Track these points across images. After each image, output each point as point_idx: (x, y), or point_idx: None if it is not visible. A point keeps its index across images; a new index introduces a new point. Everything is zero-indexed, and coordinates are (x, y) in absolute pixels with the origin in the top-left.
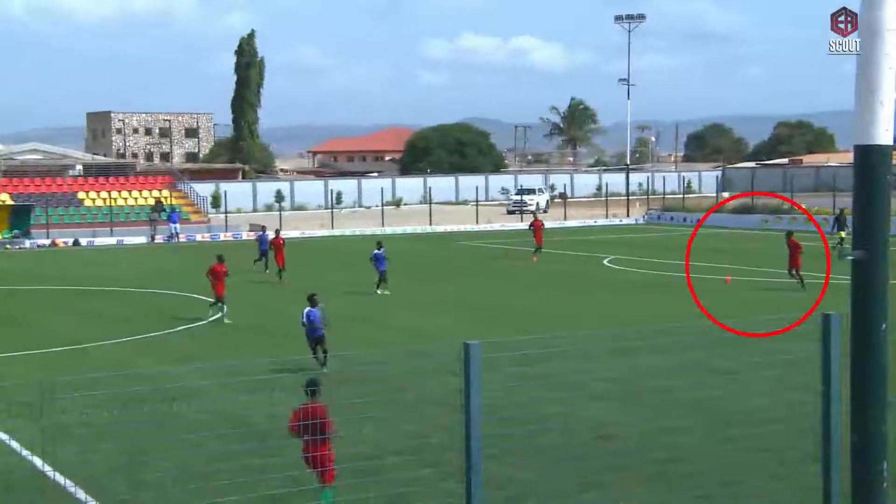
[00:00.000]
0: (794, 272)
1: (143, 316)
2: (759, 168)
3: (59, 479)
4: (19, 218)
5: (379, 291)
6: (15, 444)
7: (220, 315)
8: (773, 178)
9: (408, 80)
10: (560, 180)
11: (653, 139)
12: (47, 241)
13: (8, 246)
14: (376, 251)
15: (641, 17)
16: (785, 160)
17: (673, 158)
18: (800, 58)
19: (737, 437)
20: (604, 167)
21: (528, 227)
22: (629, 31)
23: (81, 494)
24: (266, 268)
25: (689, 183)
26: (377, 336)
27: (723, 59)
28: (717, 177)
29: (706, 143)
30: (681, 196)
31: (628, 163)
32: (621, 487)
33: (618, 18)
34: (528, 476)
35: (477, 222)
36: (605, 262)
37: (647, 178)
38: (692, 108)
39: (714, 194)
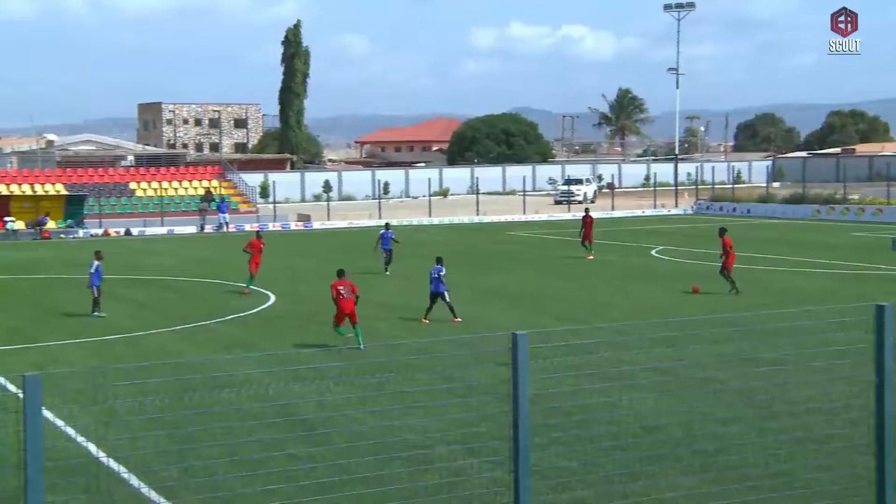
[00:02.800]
0: (725, 273)
1: (192, 305)
2: (810, 158)
3: (113, 465)
4: (73, 208)
5: (456, 320)
6: (70, 431)
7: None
8: (825, 168)
9: (454, 69)
10: (608, 170)
11: (702, 129)
12: (100, 231)
13: (62, 235)
14: (434, 269)
15: (691, 5)
16: (838, 150)
17: (722, 148)
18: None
19: (785, 427)
20: (652, 157)
21: (581, 222)
22: (678, 20)
23: (134, 480)
24: (386, 270)
25: (738, 173)
26: (415, 323)
27: (774, 47)
28: (767, 167)
29: (757, 133)
30: (730, 186)
31: (677, 153)
32: (667, 478)
33: (667, 7)
34: (573, 465)
35: (524, 212)
36: (653, 252)
37: (696, 168)
38: (743, 97)
39: (764, 184)
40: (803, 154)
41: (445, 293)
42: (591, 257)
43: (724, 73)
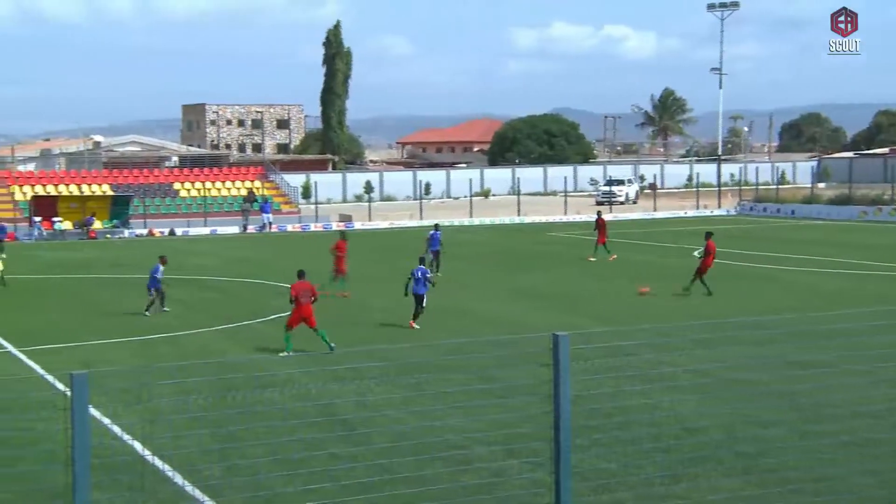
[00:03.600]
0: (699, 277)
1: (235, 305)
2: (857, 158)
3: (158, 463)
4: (119, 208)
5: None
6: (116, 429)
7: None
8: (872, 168)
9: (496, 70)
10: (650, 171)
11: (746, 129)
12: (144, 231)
13: (108, 235)
14: (418, 269)
15: (735, 4)
16: (886, 150)
17: (766, 148)
18: None
19: (828, 431)
20: (695, 157)
21: (594, 224)
22: (722, 20)
23: (178, 479)
24: (436, 270)
25: (783, 173)
26: (457, 324)
27: (817, 45)
28: (812, 167)
29: (801, 133)
30: (774, 187)
31: (720, 153)
32: (709, 480)
33: (710, 7)
34: (614, 467)
35: (565, 213)
36: (695, 253)
37: (740, 168)
38: (787, 97)
39: (809, 185)
40: (850, 154)
41: (424, 297)
42: (593, 259)
43: (767, 72)
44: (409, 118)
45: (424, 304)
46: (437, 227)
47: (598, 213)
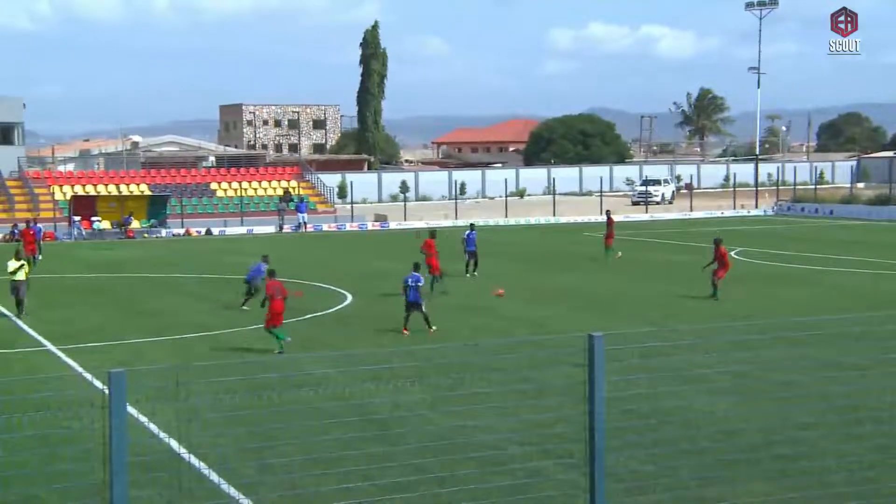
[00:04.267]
0: (715, 279)
1: None
2: None
3: (194, 461)
4: (156, 208)
5: None
6: (153, 427)
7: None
8: None
9: (532, 70)
10: (686, 171)
11: (783, 129)
12: (181, 231)
13: (146, 235)
14: (411, 277)
15: (774, 3)
16: None
17: (805, 148)
18: None
19: (868, 434)
20: (732, 157)
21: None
22: (760, 19)
23: (214, 477)
24: (468, 272)
25: (821, 173)
26: (490, 324)
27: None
28: (851, 167)
29: (840, 132)
30: (812, 187)
31: (757, 153)
32: (745, 483)
33: (749, 6)
34: (649, 469)
35: (601, 213)
36: (732, 253)
37: (777, 168)
38: (826, 96)
39: (848, 185)
40: (890, 154)
41: (422, 304)
42: (619, 256)
43: (805, 71)
44: (445, 118)
45: (425, 309)
46: (472, 227)
47: (608, 212)
